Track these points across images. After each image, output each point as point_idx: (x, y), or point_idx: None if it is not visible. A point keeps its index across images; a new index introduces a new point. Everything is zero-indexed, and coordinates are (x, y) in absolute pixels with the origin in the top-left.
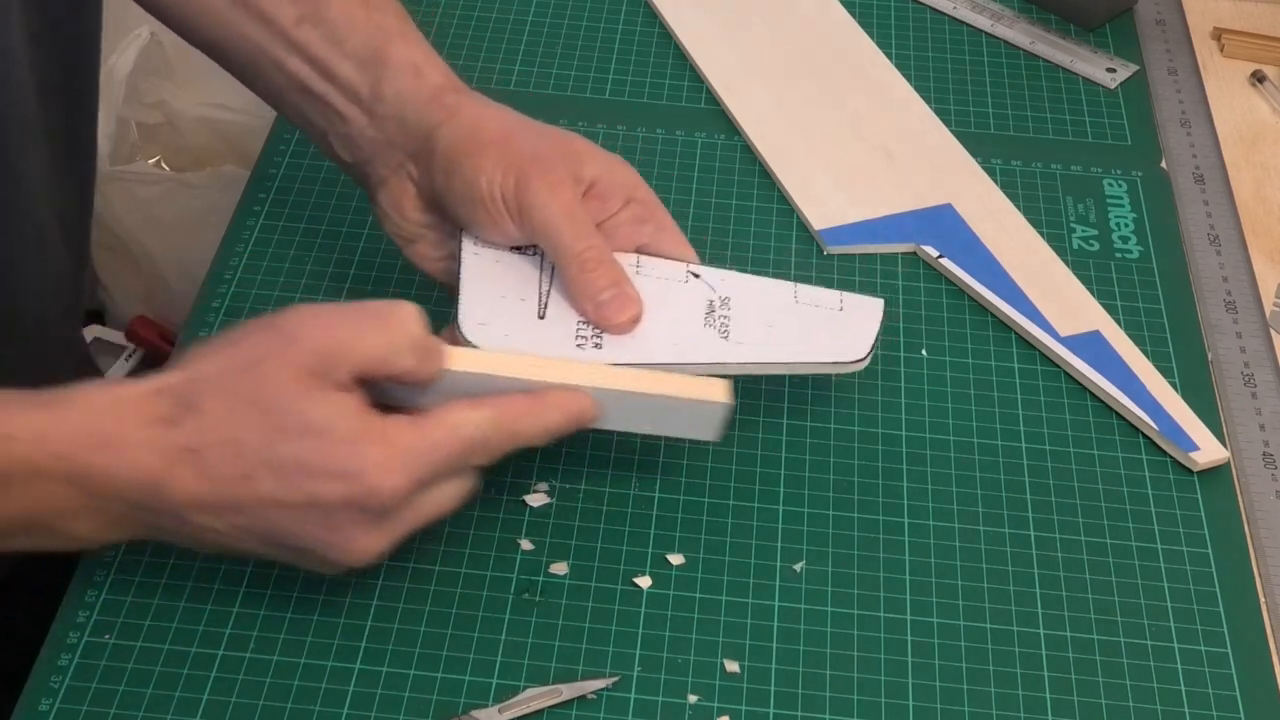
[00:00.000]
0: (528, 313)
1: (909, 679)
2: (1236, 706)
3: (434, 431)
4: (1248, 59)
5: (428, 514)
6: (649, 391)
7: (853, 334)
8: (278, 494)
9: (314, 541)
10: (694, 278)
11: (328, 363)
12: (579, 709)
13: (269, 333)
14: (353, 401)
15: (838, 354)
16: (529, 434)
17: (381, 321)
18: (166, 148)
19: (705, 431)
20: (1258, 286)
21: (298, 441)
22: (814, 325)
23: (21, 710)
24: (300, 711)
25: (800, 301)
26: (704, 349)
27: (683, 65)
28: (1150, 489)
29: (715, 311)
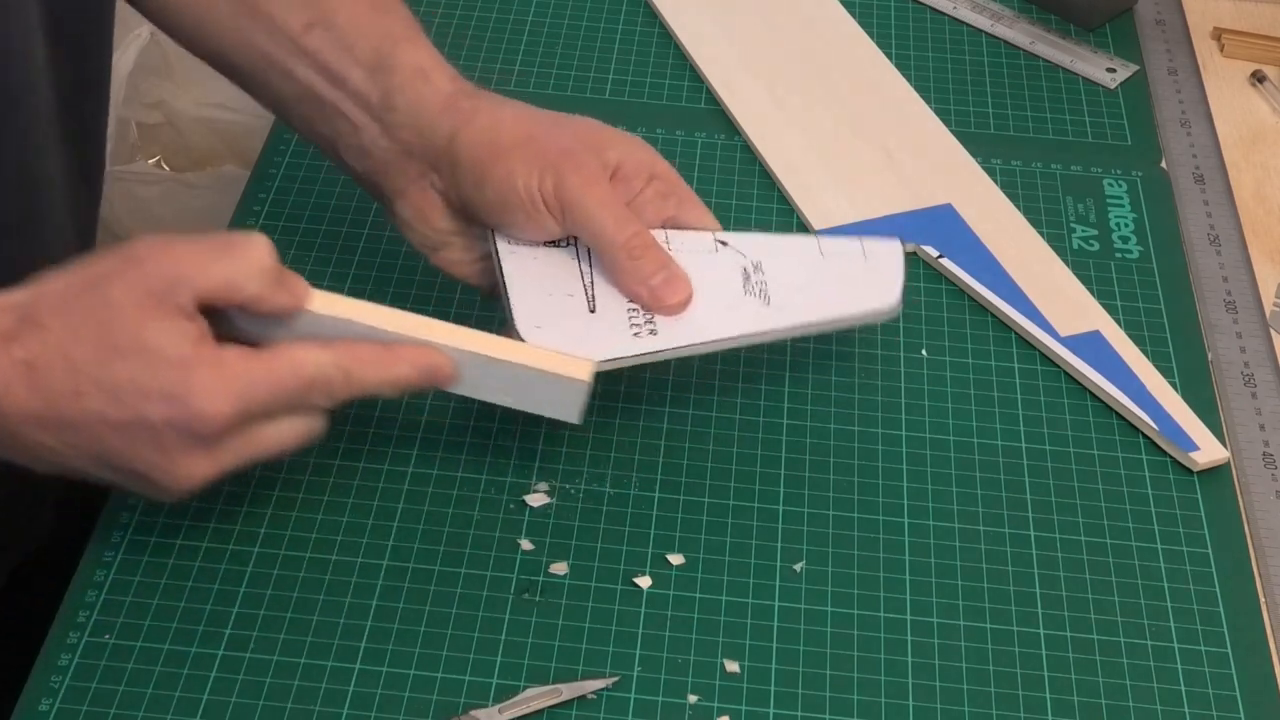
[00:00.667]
0: (578, 308)
1: (909, 679)
2: (1236, 706)
3: (271, 363)
4: (1248, 59)
5: (263, 446)
6: (506, 359)
7: (882, 279)
8: (106, 412)
9: (142, 463)
10: (723, 246)
11: (170, 286)
12: (579, 709)
13: (116, 256)
14: (192, 327)
15: (874, 302)
16: (374, 382)
17: (228, 249)
18: (166, 148)
19: (566, 411)
20: (1258, 286)
21: (129, 361)
22: (845, 277)
23: (21, 710)
24: (300, 711)
25: (826, 255)
26: (751, 319)
27: (683, 65)
28: (1150, 489)
29: (751, 278)
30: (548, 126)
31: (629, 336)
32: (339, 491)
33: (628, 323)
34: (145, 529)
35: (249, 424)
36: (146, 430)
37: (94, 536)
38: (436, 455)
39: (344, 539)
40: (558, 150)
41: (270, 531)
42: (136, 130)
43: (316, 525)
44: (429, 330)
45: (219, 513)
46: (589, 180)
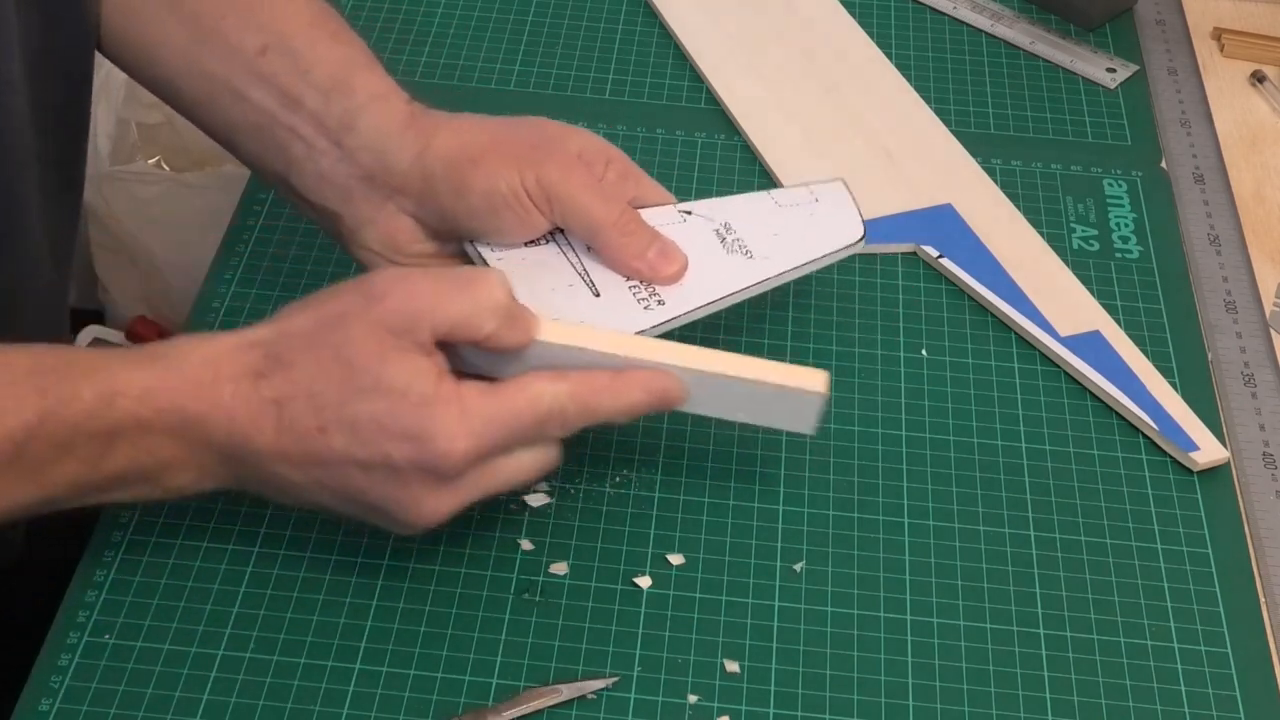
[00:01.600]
0: (583, 296)
1: (909, 679)
2: (1236, 706)
3: (510, 399)
4: (1248, 59)
5: (503, 480)
6: (740, 375)
7: (840, 217)
8: (350, 450)
9: (384, 500)
10: (689, 215)
11: (410, 322)
12: (579, 709)
13: (357, 292)
14: (431, 364)
15: (845, 238)
16: (609, 411)
17: (466, 285)
18: (166, 148)
19: (801, 423)
20: (1258, 286)
21: (372, 401)
22: (808, 222)
23: (21, 710)
24: (300, 711)
25: (783, 206)
26: (745, 273)
27: (683, 65)
28: (1150, 489)
29: (726, 239)
30: (509, 129)
31: (641, 311)
32: None
33: (634, 300)
34: (145, 529)
35: (489, 459)
36: (389, 469)
37: (94, 537)
38: None
39: (344, 539)
40: (528, 147)
41: (270, 531)
42: (136, 130)
43: (316, 525)
44: (659, 352)
45: (219, 513)
46: (566, 169)
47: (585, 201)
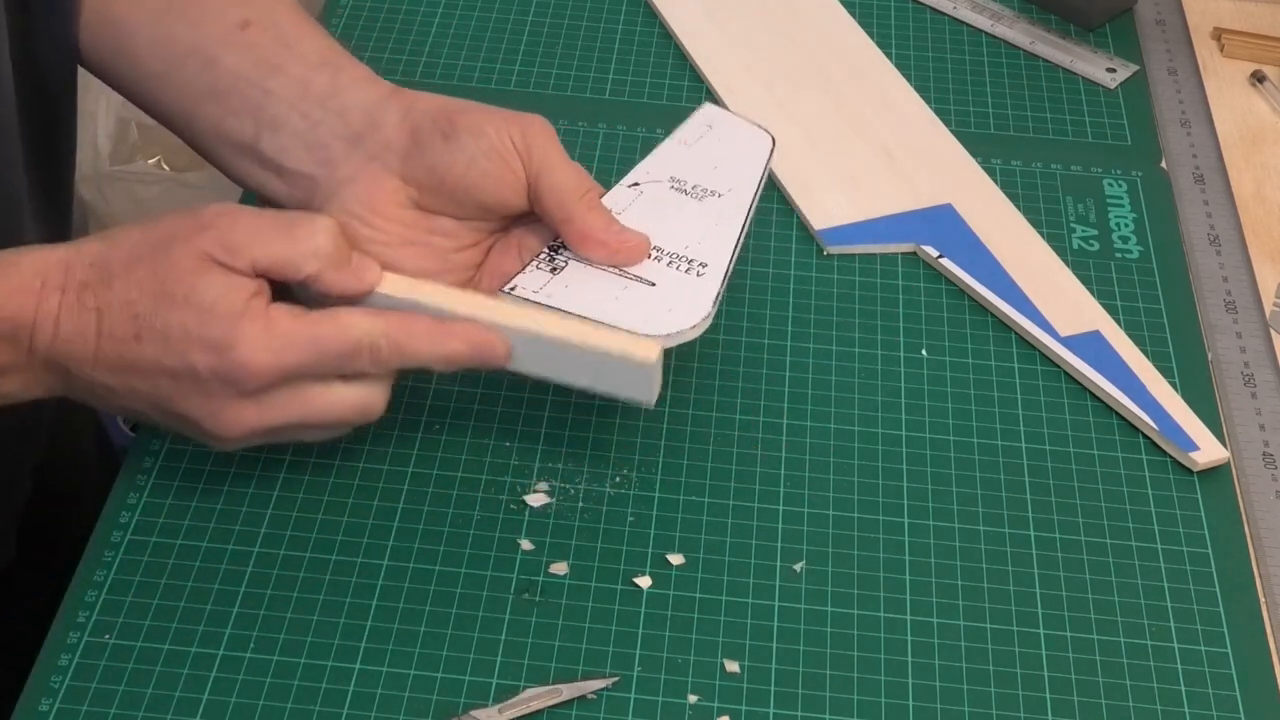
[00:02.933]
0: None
1: (909, 679)
2: (1236, 706)
3: (317, 324)
4: (1248, 59)
5: (316, 409)
6: (568, 339)
7: (743, 132)
8: (160, 358)
9: (189, 409)
10: (638, 186)
11: (228, 251)
12: (579, 709)
13: (185, 218)
14: (247, 283)
15: (762, 149)
16: (425, 355)
17: (288, 227)
18: (166, 148)
19: (639, 393)
20: (1258, 286)
21: (183, 311)
22: (725, 146)
23: (21, 710)
24: (300, 711)
25: (692, 143)
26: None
27: (683, 65)
28: (1150, 489)
29: (685, 190)
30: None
31: (697, 280)
32: (339, 491)
33: (685, 275)
34: (145, 529)
35: (296, 382)
36: (194, 378)
37: (94, 536)
38: (436, 455)
39: (344, 539)
40: (511, 112)
41: (270, 531)
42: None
43: (316, 525)
44: (494, 311)
45: (219, 513)
46: (548, 136)
47: (562, 168)
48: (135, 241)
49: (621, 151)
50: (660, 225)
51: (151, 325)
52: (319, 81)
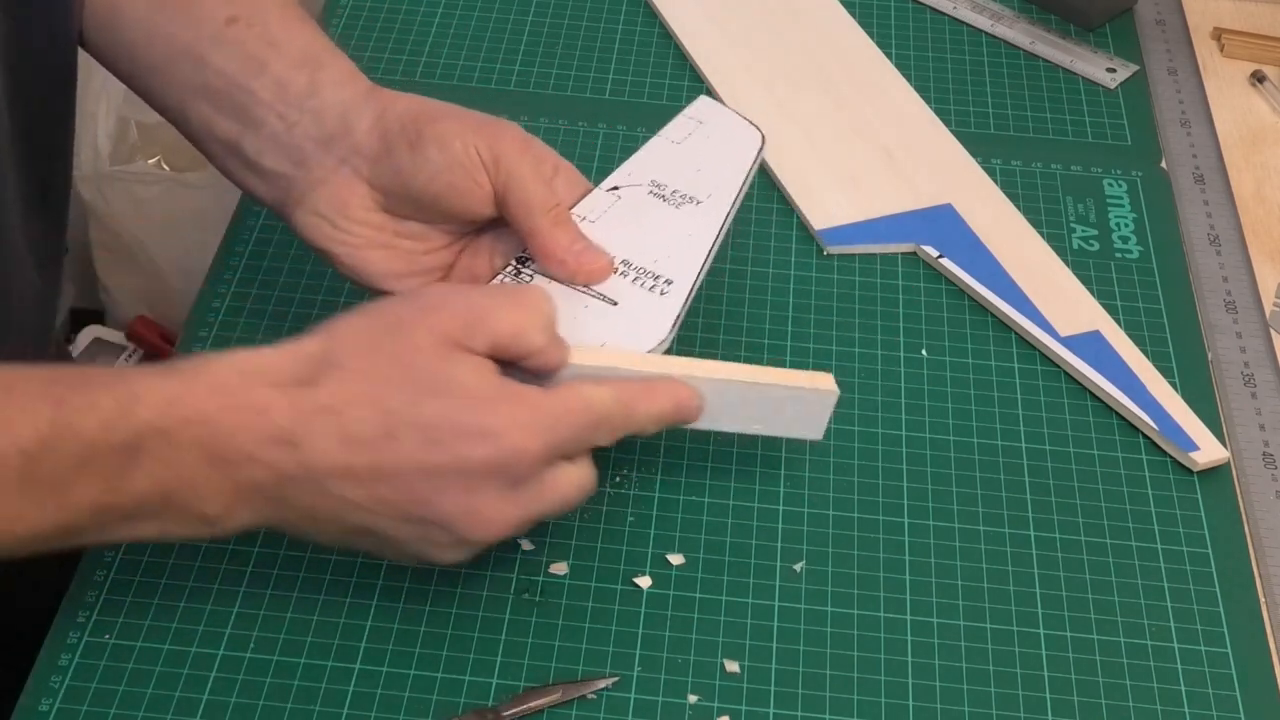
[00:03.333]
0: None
1: (909, 679)
2: (1236, 706)
3: (568, 398)
4: (1248, 59)
5: (557, 493)
6: (755, 381)
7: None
8: (421, 455)
9: (451, 511)
10: (616, 189)
11: (468, 330)
12: (579, 709)
13: (410, 302)
14: (491, 366)
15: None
16: (643, 417)
17: (518, 298)
18: (166, 148)
19: (812, 428)
20: (1258, 286)
21: (443, 400)
22: (713, 146)
23: (21, 710)
24: (300, 711)
25: (680, 141)
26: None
27: (683, 65)
28: (1150, 489)
29: (665, 196)
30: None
31: (660, 298)
32: None
33: (646, 290)
34: None
35: (548, 466)
36: (461, 473)
37: None
38: None
39: None
40: (486, 119)
41: (270, 532)
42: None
43: None
44: (678, 366)
45: None
46: (519, 146)
47: (529, 180)
48: (361, 329)
49: (621, 152)
50: (632, 235)
51: (407, 418)
52: (298, 81)
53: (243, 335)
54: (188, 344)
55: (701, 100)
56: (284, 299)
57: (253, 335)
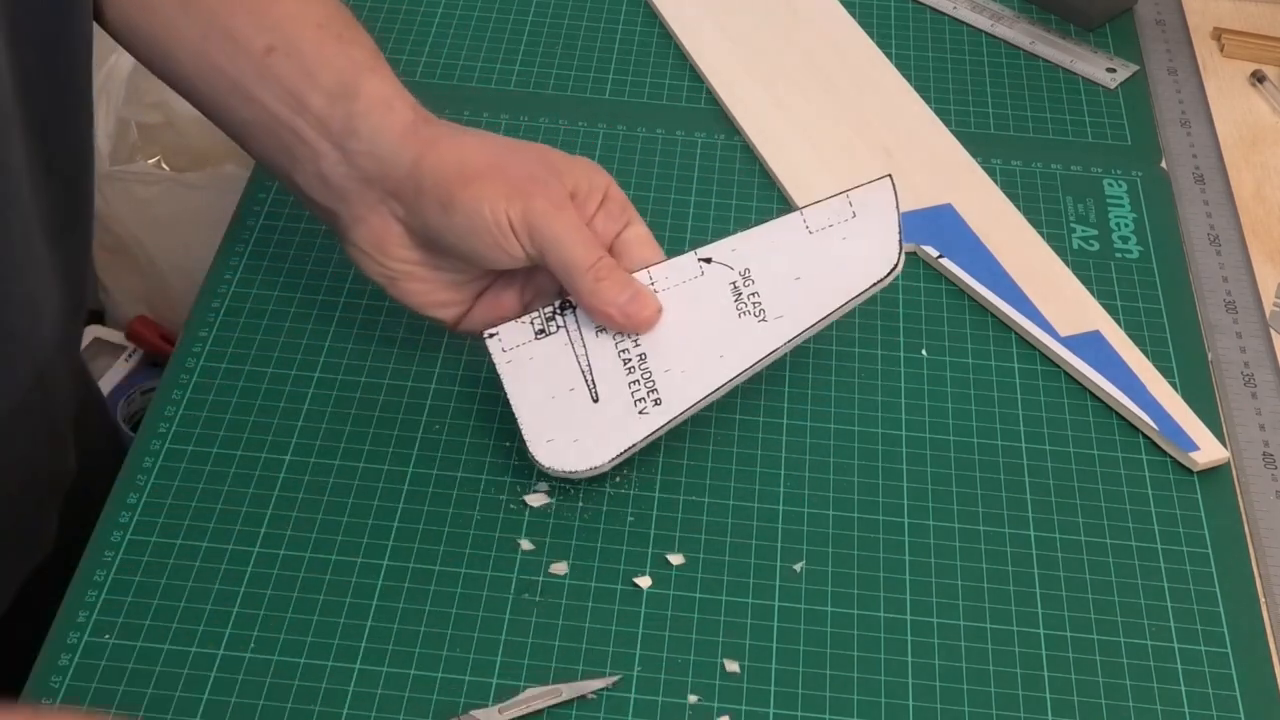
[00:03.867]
0: (582, 401)
1: (909, 679)
2: (1236, 706)
3: None
4: (1248, 59)
5: None
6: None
7: (878, 239)
8: None
9: None
10: (707, 264)
11: None
12: (579, 709)
13: None
14: None
15: (873, 274)
16: None
17: None
18: (166, 148)
19: None
20: (1258, 286)
21: None
22: (839, 252)
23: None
24: (300, 711)
25: (814, 230)
26: (751, 346)
27: (683, 65)
28: (1150, 489)
29: (742, 294)
30: (510, 153)
31: (635, 416)
32: (339, 491)
33: (632, 400)
34: (145, 529)
35: None
36: None
37: (94, 537)
38: (436, 455)
39: (344, 539)
40: (524, 176)
41: (270, 531)
42: (136, 130)
43: (316, 525)
44: None
45: (219, 513)
46: (555, 206)
47: (566, 242)
48: None
49: (621, 151)
50: (678, 325)
51: None
52: (337, 117)
53: (243, 335)
54: (188, 344)
55: (879, 185)
56: (284, 299)
57: (253, 335)
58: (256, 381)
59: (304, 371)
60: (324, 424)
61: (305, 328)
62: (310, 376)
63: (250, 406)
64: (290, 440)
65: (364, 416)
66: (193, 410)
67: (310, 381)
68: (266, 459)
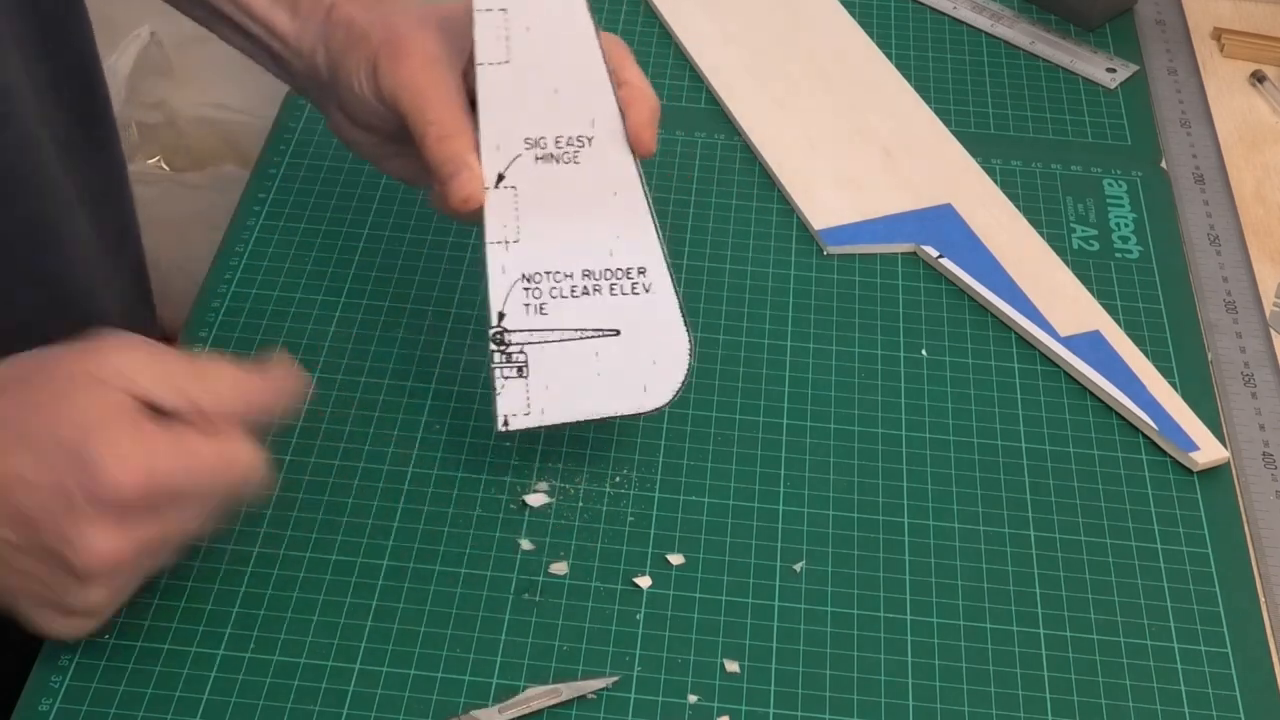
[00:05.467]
0: None
1: (909, 679)
2: (1236, 706)
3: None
4: (1248, 59)
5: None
6: None
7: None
8: (24, 470)
9: (52, 531)
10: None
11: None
12: (579, 709)
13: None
14: (124, 400)
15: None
16: None
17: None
18: (166, 148)
19: None
20: (1258, 286)
21: (50, 419)
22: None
23: (21, 710)
24: (300, 711)
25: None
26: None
27: (683, 65)
28: (1150, 489)
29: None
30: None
31: (647, 298)
32: (339, 491)
33: (633, 295)
34: None
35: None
36: (60, 492)
37: None
38: (436, 455)
39: (344, 539)
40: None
41: (270, 531)
42: (136, 130)
43: (316, 525)
44: None
45: None
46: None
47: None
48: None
49: None
50: (565, 230)
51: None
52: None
53: (243, 335)
54: (188, 344)
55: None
56: (284, 299)
57: (253, 335)
58: None
59: (304, 371)
60: (324, 424)
61: (305, 328)
62: (310, 377)
63: None
64: (291, 440)
65: (364, 416)
66: None
67: (310, 381)
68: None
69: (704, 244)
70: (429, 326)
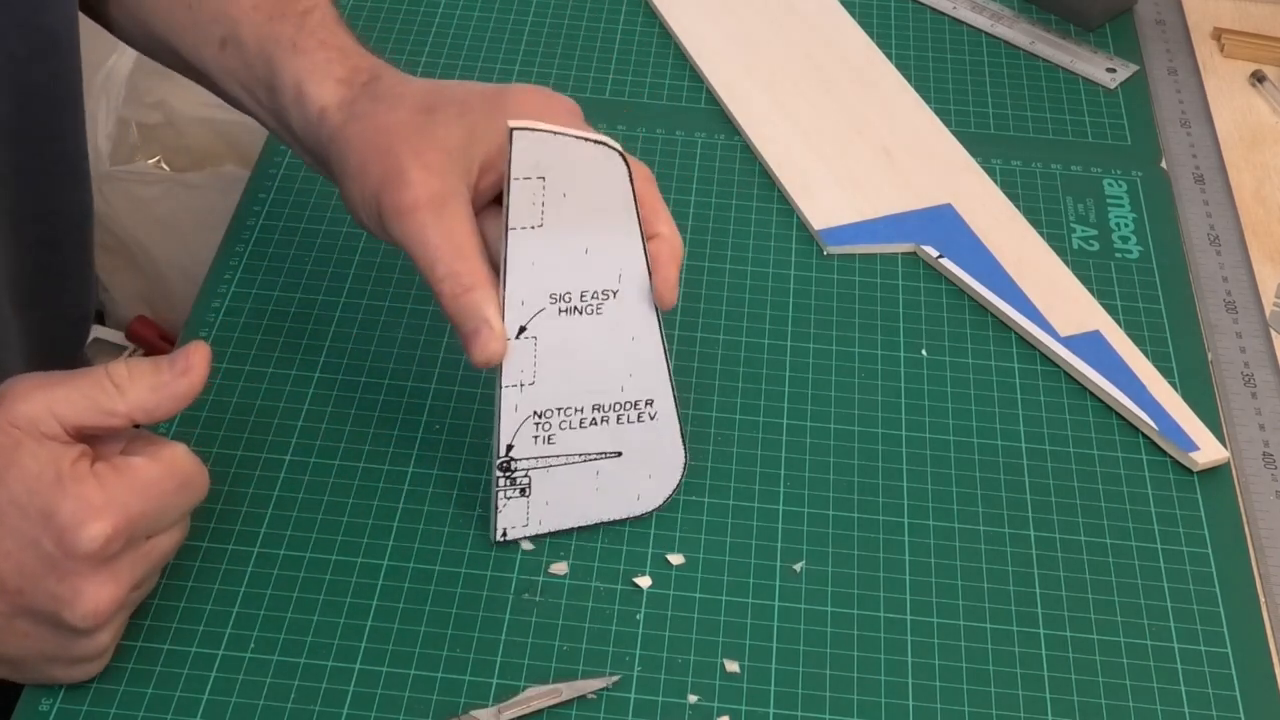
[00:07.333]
0: None
1: (909, 679)
2: (1236, 706)
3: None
4: (1248, 59)
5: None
6: None
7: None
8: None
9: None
10: (525, 332)
11: (36, 419)
12: (579, 709)
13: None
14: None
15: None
16: None
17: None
18: (166, 148)
19: None
20: (1258, 286)
21: (8, 487)
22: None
23: (21, 710)
24: (300, 711)
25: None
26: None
27: (683, 65)
28: (1150, 489)
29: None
30: (412, 125)
31: (651, 425)
32: (339, 491)
33: (639, 423)
34: None
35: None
36: (38, 556)
37: None
38: (437, 455)
39: (344, 539)
40: (391, 169)
41: (270, 531)
42: (136, 130)
43: (316, 525)
44: None
45: (219, 513)
46: (408, 204)
47: (416, 253)
48: None
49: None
50: (580, 372)
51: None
52: (272, 111)
53: (243, 335)
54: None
55: (521, 140)
56: (284, 299)
57: (253, 335)
58: (256, 381)
59: (304, 371)
60: (324, 424)
61: (305, 328)
62: (310, 376)
63: (250, 406)
64: (290, 440)
65: (364, 416)
66: (192, 410)
67: (310, 381)
68: (266, 459)
69: (704, 244)
70: (429, 327)
